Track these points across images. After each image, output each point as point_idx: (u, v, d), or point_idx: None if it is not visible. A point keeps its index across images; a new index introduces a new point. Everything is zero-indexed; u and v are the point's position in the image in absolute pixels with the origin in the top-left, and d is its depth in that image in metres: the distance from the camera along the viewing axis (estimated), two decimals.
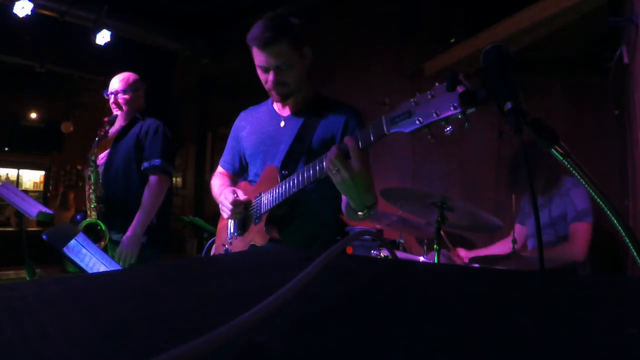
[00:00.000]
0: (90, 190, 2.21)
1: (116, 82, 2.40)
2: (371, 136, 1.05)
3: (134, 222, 2.20)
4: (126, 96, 2.37)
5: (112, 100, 2.39)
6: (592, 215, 2.08)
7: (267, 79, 1.44)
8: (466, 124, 0.88)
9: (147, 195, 2.24)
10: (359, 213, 1.22)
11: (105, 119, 2.35)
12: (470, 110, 0.86)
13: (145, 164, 2.28)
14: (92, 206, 2.24)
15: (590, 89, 2.83)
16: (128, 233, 2.20)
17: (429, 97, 0.93)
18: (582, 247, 2.06)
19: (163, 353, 0.23)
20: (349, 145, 1.08)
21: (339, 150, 1.10)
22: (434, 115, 0.91)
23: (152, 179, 2.26)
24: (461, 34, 2.99)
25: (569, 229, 2.11)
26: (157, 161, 2.27)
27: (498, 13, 2.65)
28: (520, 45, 2.66)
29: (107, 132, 2.37)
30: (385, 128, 1.01)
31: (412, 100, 0.97)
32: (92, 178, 2.19)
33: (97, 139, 2.31)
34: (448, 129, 0.91)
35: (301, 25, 1.45)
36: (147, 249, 2.27)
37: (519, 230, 2.41)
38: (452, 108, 0.88)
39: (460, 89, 0.84)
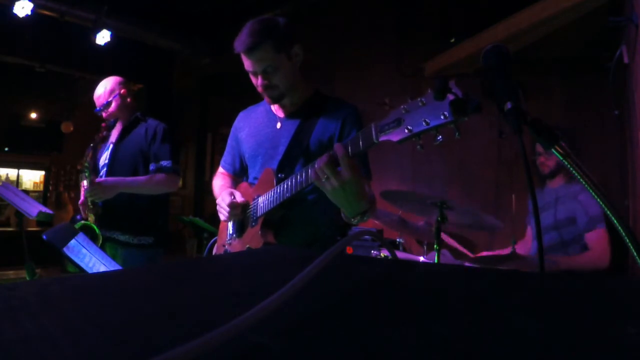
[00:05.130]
0: (87, 194, 2.20)
1: (98, 98, 2.40)
2: (360, 144, 1.02)
3: (125, 179, 2.24)
4: (113, 105, 2.37)
5: (104, 115, 2.41)
6: (604, 220, 2.02)
7: (256, 83, 1.43)
8: (457, 134, 0.83)
9: (151, 178, 2.27)
10: (352, 220, 1.22)
11: (103, 125, 2.35)
12: (462, 120, 0.81)
13: (156, 165, 2.31)
14: (90, 207, 2.24)
15: (590, 89, 2.83)
16: (115, 180, 2.23)
17: (420, 104, 0.88)
18: (604, 254, 2.02)
19: (163, 353, 0.23)
20: (339, 153, 1.06)
21: (328, 158, 1.08)
22: (424, 124, 0.86)
23: (163, 175, 2.30)
24: (461, 34, 2.99)
25: (585, 240, 2.06)
26: (167, 162, 2.32)
27: (498, 13, 2.65)
28: (520, 45, 2.66)
29: (104, 137, 2.38)
30: (374, 136, 0.98)
31: (402, 107, 0.92)
32: (87, 183, 2.19)
33: (91, 144, 2.30)
34: (439, 138, 0.86)
35: (287, 25, 1.41)
36: (153, 249, 2.32)
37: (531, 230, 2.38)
38: (442, 117, 0.83)
39: (450, 96, 0.80)
